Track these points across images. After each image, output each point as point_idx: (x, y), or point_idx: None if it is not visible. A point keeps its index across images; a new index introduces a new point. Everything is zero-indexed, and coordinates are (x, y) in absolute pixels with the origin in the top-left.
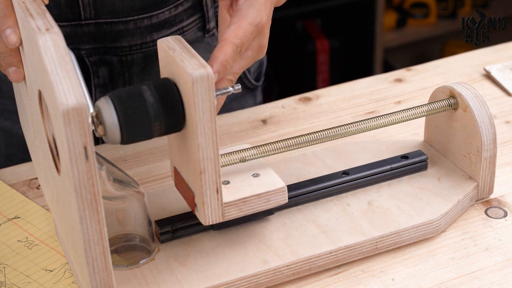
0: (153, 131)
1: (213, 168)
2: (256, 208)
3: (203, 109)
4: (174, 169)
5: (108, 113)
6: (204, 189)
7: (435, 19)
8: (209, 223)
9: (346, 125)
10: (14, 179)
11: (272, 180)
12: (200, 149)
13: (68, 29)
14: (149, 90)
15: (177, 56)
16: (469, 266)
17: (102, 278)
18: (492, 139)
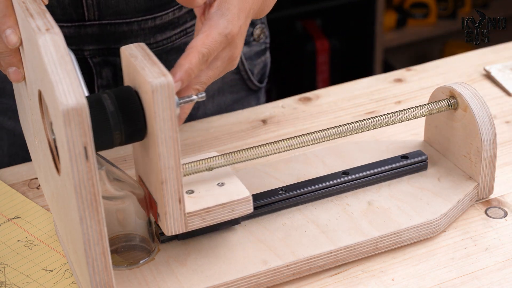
0: (114, 140)
1: (174, 177)
2: (220, 218)
3: (163, 117)
4: (138, 179)
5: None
6: (166, 198)
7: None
8: (172, 233)
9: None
10: (14, 179)
11: (237, 189)
12: (162, 159)
13: (72, 30)
14: (110, 98)
15: (138, 64)
16: (469, 266)
17: (102, 278)
18: (492, 139)
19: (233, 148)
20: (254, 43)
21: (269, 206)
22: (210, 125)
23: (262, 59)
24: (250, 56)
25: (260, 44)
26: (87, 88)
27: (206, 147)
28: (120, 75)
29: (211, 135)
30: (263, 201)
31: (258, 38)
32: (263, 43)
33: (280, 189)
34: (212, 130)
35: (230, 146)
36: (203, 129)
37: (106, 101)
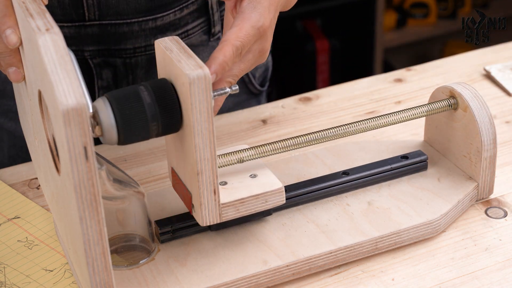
0: (150, 132)
1: (210, 169)
2: (253, 209)
3: (200, 109)
4: (171, 170)
5: (105, 113)
6: (202, 190)
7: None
8: (207, 224)
9: (346, 125)
10: (14, 179)
11: (270, 180)
12: (197, 150)
13: (72, 30)
14: (146, 90)
15: (174, 57)
16: (469, 266)
17: (102, 278)
18: (492, 139)
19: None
20: None
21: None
22: None
23: (264, 63)
24: None
25: None
26: (87, 88)
27: None
28: (120, 76)
29: None
30: None
31: None
32: None
33: None
34: None
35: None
36: None
37: (143, 93)
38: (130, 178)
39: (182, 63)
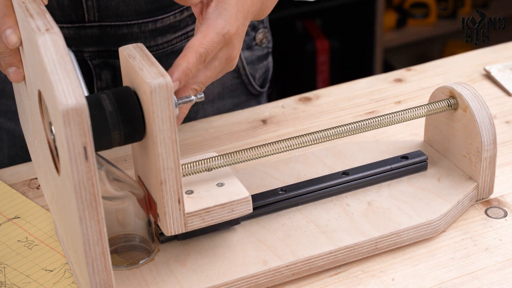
0: (113, 140)
1: (174, 178)
2: (219, 218)
3: (162, 118)
4: (138, 179)
5: None
6: (166, 199)
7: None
8: (172, 233)
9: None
10: (14, 179)
11: (237, 189)
12: (160, 159)
13: (72, 31)
14: (108, 98)
15: (136, 65)
16: (469, 266)
17: (101, 278)
18: (492, 139)
19: (233, 148)
20: (256, 47)
21: (269, 206)
22: (210, 125)
23: (264, 64)
24: (252, 60)
25: (262, 49)
26: (87, 89)
27: (206, 147)
28: (120, 77)
29: (211, 135)
30: (263, 201)
31: (260, 43)
32: (265, 48)
33: (280, 189)
34: (212, 130)
35: (230, 146)
36: (203, 129)
37: (104, 101)
38: (130, 178)
39: (144, 71)
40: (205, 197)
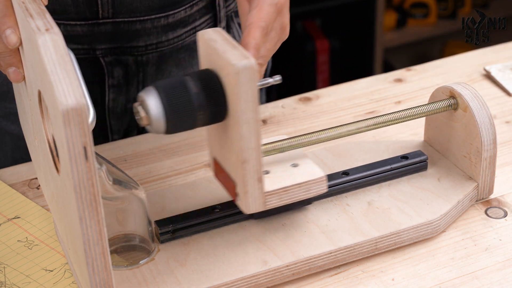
0: (197, 121)
1: (255, 158)
2: (296, 197)
3: (246, 99)
4: (213, 160)
5: (153, 103)
6: (247, 178)
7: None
8: (251, 211)
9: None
10: (14, 179)
11: (312, 170)
12: (243, 139)
13: (85, 28)
14: (193, 80)
15: (219, 48)
16: (469, 266)
17: (101, 278)
18: (492, 139)
19: None
20: None
21: None
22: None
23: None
24: None
25: None
26: (87, 88)
27: (206, 147)
28: (131, 74)
29: None
30: None
31: None
32: None
33: None
34: None
35: None
36: (203, 129)
37: (189, 83)
38: (130, 178)
39: (228, 53)
40: (282, 177)
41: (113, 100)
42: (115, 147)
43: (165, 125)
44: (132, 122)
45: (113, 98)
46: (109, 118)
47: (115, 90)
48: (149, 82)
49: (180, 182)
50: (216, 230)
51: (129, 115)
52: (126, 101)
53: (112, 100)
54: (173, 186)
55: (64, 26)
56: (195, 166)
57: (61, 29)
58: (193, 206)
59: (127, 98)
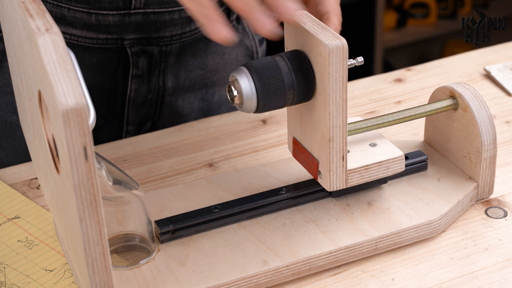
0: (286, 100)
1: (341, 136)
2: (376, 175)
3: (336, 78)
4: (293, 140)
5: (246, 82)
6: (332, 156)
7: (435, 19)
8: (334, 189)
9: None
10: (14, 179)
11: (390, 149)
12: (331, 117)
13: (117, 18)
14: (283, 60)
15: (309, 29)
16: (469, 266)
17: (101, 278)
18: (492, 140)
19: (233, 148)
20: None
21: (269, 206)
22: (210, 125)
23: None
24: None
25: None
26: (87, 88)
27: (206, 147)
28: (154, 64)
29: (211, 135)
30: (263, 201)
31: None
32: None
33: (280, 189)
34: (212, 130)
35: (230, 146)
36: (203, 129)
37: (280, 63)
38: (130, 178)
39: (319, 34)
40: (363, 156)
41: (134, 91)
42: (115, 147)
43: (256, 104)
44: (149, 114)
45: (135, 88)
46: (128, 108)
47: (138, 80)
48: (169, 72)
49: (180, 182)
50: (216, 230)
51: (148, 106)
52: (147, 92)
53: (134, 90)
54: (173, 186)
55: (96, 15)
56: (195, 166)
57: (93, 19)
58: (193, 206)
59: (148, 89)
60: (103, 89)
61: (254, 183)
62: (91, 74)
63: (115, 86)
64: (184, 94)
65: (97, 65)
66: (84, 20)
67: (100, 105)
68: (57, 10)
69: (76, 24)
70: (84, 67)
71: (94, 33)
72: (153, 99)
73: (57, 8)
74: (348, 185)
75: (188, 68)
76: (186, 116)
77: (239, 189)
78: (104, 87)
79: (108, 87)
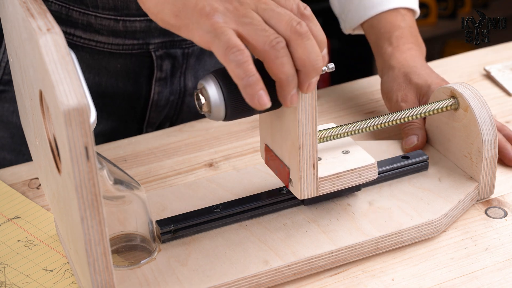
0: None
1: (311, 143)
2: (348, 183)
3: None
4: (265, 147)
5: (213, 90)
6: (302, 164)
7: (435, 19)
8: (304, 197)
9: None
10: (14, 179)
11: (363, 156)
12: (300, 125)
13: (143, 24)
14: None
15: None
16: (469, 266)
17: (103, 278)
18: (493, 139)
19: (233, 148)
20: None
21: (270, 206)
22: (210, 125)
23: None
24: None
25: None
26: (87, 88)
27: (206, 147)
28: (177, 66)
29: (211, 135)
30: (264, 201)
31: None
32: None
33: (281, 189)
34: (212, 130)
35: (230, 146)
36: (203, 129)
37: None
38: (131, 178)
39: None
40: (334, 163)
41: (158, 93)
42: (115, 147)
43: (224, 112)
44: (168, 114)
45: (159, 91)
46: (150, 111)
47: (161, 83)
48: (189, 73)
49: (180, 182)
50: (217, 230)
51: (169, 107)
52: (169, 94)
53: (157, 93)
54: (174, 186)
55: (123, 22)
56: (195, 166)
57: (120, 25)
58: (194, 206)
59: (171, 91)
60: (125, 94)
61: (255, 183)
62: (114, 80)
63: (138, 90)
64: None
65: (121, 70)
66: (111, 27)
67: (121, 110)
68: (83, 17)
69: (102, 31)
70: (108, 73)
71: (120, 39)
72: (174, 100)
73: (84, 16)
74: (319, 193)
75: (206, 67)
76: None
77: (240, 189)
78: (126, 92)
79: (131, 92)
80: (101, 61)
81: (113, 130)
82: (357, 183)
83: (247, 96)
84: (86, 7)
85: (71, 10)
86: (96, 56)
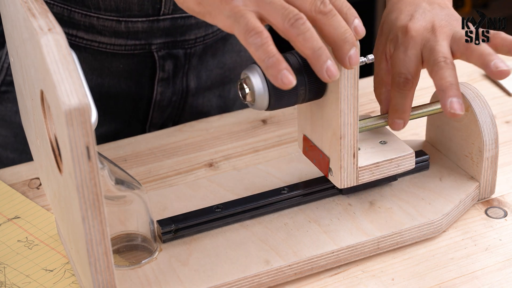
0: (298, 97)
1: (352, 133)
2: (386, 172)
3: (348, 76)
4: (303, 137)
5: (258, 79)
6: (343, 153)
7: None
8: (344, 186)
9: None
10: (14, 179)
11: (400, 146)
12: (342, 115)
13: (146, 25)
14: (294, 57)
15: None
16: (469, 266)
17: (104, 278)
18: (494, 139)
19: (233, 148)
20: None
21: (271, 206)
22: (210, 125)
23: None
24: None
25: None
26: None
27: (206, 147)
28: (180, 67)
29: (211, 135)
30: (265, 201)
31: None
32: None
33: (282, 189)
34: (212, 130)
35: (230, 146)
36: (203, 129)
37: (292, 60)
38: (132, 178)
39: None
40: (373, 153)
41: (160, 94)
42: (115, 147)
43: (268, 101)
44: (171, 115)
45: (161, 91)
46: (153, 111)
47: (164, 84)
48: (192, 73)
49: (180, 182)
50: (218, 230)
51: (171, 107)
52: (172, 94)
53: (160, 93)
54: (175, 186)
55: (126, 23)
56: (195, 166)
57: (122, 26)
58: (195, 205)
59: (173, 91)
60: (128, 94)
61: (255, 182)
62: (117, 81)
63: (140, 91)
64: (205, 93)
65: (123, 71)
66: (113, 28)
67: (124, 111)
68: (86, 19)
69: (105, 32)
70: (111, 74)
71: (123, 40)
72: (176, 100)
73: (86, 17)
74: (358, 182)
75: (208, 68)
76: (205, 114)
77: (241, 188)
78: (129, 93)
79: (134, 92)
80: (104, 62)
81: (117, 132)
82: (395, 173)
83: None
84: (88, 9)
85: (73, 12)
86: (99, 57)
